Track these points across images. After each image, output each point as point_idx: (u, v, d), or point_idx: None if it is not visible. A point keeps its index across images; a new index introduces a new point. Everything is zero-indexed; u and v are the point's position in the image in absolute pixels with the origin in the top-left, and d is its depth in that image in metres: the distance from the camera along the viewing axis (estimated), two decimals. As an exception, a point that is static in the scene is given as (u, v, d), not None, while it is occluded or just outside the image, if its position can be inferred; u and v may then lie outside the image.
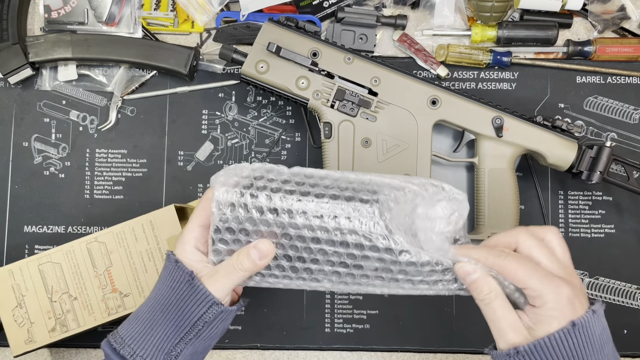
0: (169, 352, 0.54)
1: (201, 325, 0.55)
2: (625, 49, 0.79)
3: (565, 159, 0.71)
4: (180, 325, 0.55)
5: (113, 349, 0.54)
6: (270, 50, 0.69)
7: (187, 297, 0.54)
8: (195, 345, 0.55)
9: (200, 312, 0.54)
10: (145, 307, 0.56)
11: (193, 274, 0.54)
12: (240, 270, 0.54)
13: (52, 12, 0.79)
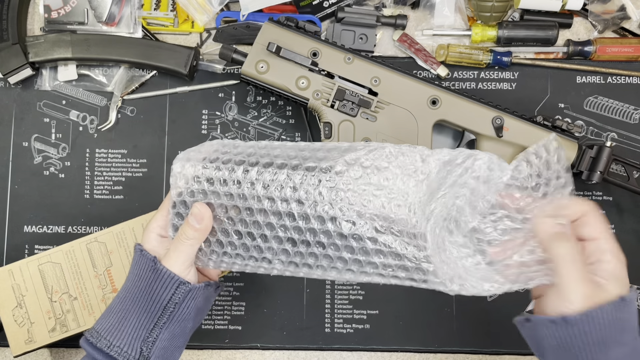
0: (145, 339, 0.55)
1: (172, 307, 0.55)
2: (625, 49, 0.79)
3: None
4: (152, 311, 0.55)
5: (90, 343, 0.55)
6: (270, 50, 0.69)
7: (153, 282, 0.55)
8: (171, 328, 0.56)
9: (168, 294, 0.55)
10: (117, 300, 0.57)
11: (156, 259, 0.56)
12: (185, 240, 0.55)
13: (52, 12, 0.79)
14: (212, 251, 0.56)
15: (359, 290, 0.79)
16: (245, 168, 0.53)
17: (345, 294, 0.79)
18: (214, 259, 0.57)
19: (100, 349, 0.55)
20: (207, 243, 0.57)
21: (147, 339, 0.55)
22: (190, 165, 0.54)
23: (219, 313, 0.78)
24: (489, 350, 0.77)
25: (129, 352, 0.55)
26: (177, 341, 0.58)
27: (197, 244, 0.56)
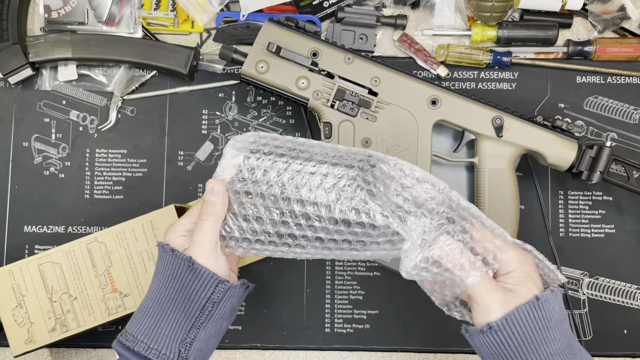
0: (183, 340, 0.54)
1: (210, 307, 0.55)
2: (625, 49, 0.79)
3: (566, 159, 0.71)
4: (190, 311, 0.54)
5: (126, 347, 0.54)
6: (270, 50, 0.69)
7: (190, 282, 0.54)
8: (208, 328, 0.55)
9: (207, 293, 0.54)
10: (150, 301, 0.56)
11: (192, 259, 0.55)
12: (207, 217, 0.55)
13: (52, 12, 0.79)
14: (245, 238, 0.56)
15: (359, 290, 0.79)
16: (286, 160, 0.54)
17: (345, 294, 0.79)
18: (244, 246, 0.57)
19: (138, 353, 0.53)
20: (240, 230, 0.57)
21: (184, 340, 0.54)
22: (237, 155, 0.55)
23: (219, 313, 0.78)
24: (489, 350, 0.77)
25: (168, 354, 0.53)
26: (211, 342, 0.57)
27: (219, 220, 0.55)
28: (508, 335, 0.50)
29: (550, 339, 0.51)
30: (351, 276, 0.79)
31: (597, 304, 0.78)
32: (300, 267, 0.79)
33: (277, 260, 0.79)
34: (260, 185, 0.55)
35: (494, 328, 0.50)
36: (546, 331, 0.51)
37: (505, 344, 0.51)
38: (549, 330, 0.51)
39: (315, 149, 0.56)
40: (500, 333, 0.50)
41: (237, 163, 0.55)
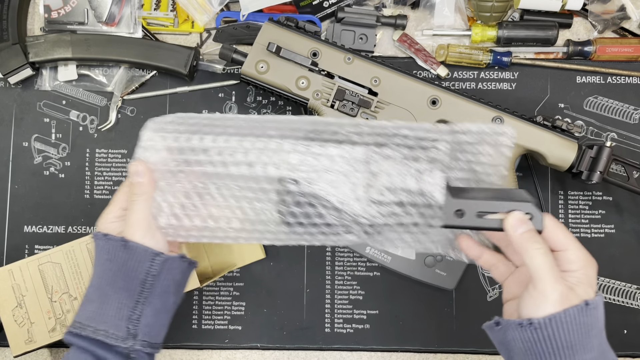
0: (129, 317, 0.55)
1: (151, 280, 0.55)
2: (625, 49, 0.79)
3: (565, 159, 0.71)
4: (131, 288, 0.55)
5: (75, 334, 0.55)
6: (270, 50, 0.69)
7: (127, 260, 0.55)
8: (153, 302, 0.56)
9: (145, 267, 0.55)
10: (92, 289, 0.57)
11: (124, 238, 0.56)
12: (136, 197, 0.56)
13: (52, 12, 0.79)
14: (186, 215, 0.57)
15: (359, 290, 0.79)
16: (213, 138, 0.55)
17: (345, 294, 0.79)
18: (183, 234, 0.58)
19: (87, 337, 0.54)
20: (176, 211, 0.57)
21: (131, 317, 0.55)
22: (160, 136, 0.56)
23: (219, 313, 0.78)
24: (489, 350, 0.78)
25: (116, 332, 0.54)
26: (161, 318, 0.58)
27: (149, 199, 0.56)
28: (548, 335, 0.48)
29: (588, 347, 0.49)
30: (351, 276, 0.79)
31: (597, 304, 0.78)
32: (300, 267, 0.79)
33: (277, 260, 0.79)
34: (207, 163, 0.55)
35: (535, 325, 0.48)
36: (586, 338, 0.48)
37: (543, 343, 0.48)
38: (589, 338, 0.49)
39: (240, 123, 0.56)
40: (541, 331, 0.48)
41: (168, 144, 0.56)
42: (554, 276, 0.48)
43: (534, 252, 0.49)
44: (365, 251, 0.77)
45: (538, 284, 0.49)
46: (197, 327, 0.78)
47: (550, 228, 0.51)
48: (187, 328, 0.78)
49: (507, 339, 0.51)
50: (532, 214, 0.50)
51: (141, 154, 0.57)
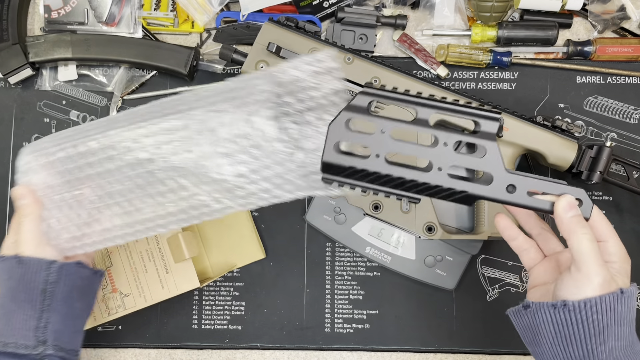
0: (36, 327, 0.57)
1: (51, 288, 0.57)
2: (625, 49, 0.79)
3: (565, 159, 0.71)
4: (34, 299, 0.57)
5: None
6: (270, 51, 0.69)
7: (24, 274, 0.57)
8: (58, 309, 0.58)
9: (42, 277, 0.57)
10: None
11: (18, 255, 0.58)
12: (23, 218, 0.59)
13: (52, 12, 0.79)
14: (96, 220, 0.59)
15: (359, 290, 0.79)
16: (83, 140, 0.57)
17: (345, 293, 0.79)
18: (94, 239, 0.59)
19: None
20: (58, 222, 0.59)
21: (38, 326, 0.57)
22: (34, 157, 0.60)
23: (219, 313, 0.78)
24: (489, 350, 0.78)
25: (26, 342, 0.56)
26: (70, 324, 0.59)
27: (37, 218, 0.59)
28: (582, 319, 0.49)
29: (619, 335, 0.49)
30: (351, 276, 0.79)
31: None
32: (300, 267, 0.79)
33: (277, 260, 0.79)
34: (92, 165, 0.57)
35: (569, 307, 0.49)
36: (618, 326, 0.49)
37: (575, 326, 0.49)
38: (620, 326, 0.49)
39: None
40: (575, 314, 0.49)
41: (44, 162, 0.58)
42: (599, 261, 0.49)
43: (582, 236, 0.49)
44: (365, 251, 0.77)
45: (582, 267, 0.49)
46: (197, 327, 0.78)
47: (595, 217, 0.51)
48: (187, 328, 0.78)
49: (537, 322, 0.51)
50: (583, 200, 0.51)
51: (21, 178, 0.60)
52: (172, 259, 0.72)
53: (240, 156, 0.53)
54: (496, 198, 0.51)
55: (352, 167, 0.50)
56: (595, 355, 0.49)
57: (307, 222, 0.78)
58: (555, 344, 0.50)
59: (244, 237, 0.78)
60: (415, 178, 0.51)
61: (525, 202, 0.51)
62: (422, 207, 0.70)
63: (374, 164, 0.50)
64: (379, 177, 0.51)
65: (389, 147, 0.51)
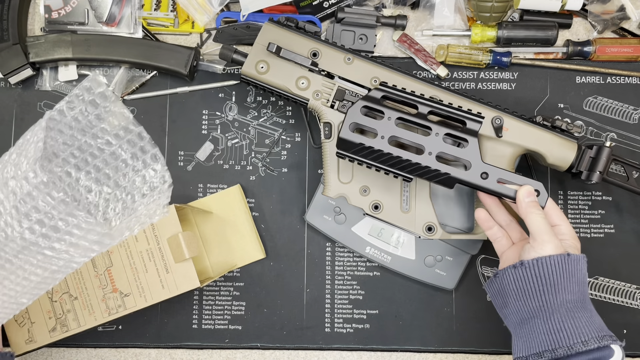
0: None
1: None
2: (624, 49, 0.79)
3: (565, 159, 0.71)
4: None
5: None
6: (271, 51, 0.69)
7: None
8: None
9: None
10: None
11: None
12: None
13: (52, 13, 0.79)
14: None
15: (359, 290, 0.79)
16: None
17: (345, 294, 0.79)
18: None
19: None
20: None
21: None
22: None
23: (219, 313, 0.78)
24: (489, 350, 0.78)
25: None
26: None
27: None
28: (534, 273, 0.59)
29: (570, 290, 0.59)
30: (351, 276, 0.79)
31: (596, 304, 0.77)
32: (300, 267, 0.79)
33: (277, 260, 0.79)
34: None
35: (525, 264, 0.60)
36: (567, 282, 0.59)
37: (531, 281, 0.60)
38: (570, 282, 0.59)
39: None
40: (530, 269, 0.60)
41: None
42: (550, 232, 0.62)
43: (536, 215, 0.62)
44: (365, 251, 0.77)
45: (537, 237, 0.61)
46: (197, 326, 0.78)
47: (550, 207, 0.65)
48: (188, 328, 0.78)
49: (504, 284, 0.62)
50: (540, 191, 0.65)
51: None
52: (173, 259, 0.72)
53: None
54: (472, 182, 0.65)
55: (361, 144, 0.64)
56: (549, 305, 0.59)
57: (307, 222, 0.78)
58: (517, 298, 0.61)
59: (244, 237, 0.78)
60: (410, 158, 0.64)
61: (495, 188, 0.65)
62: (422, 207, 0.70)
63: (379, 144, 0.64)
64: (382, 154, 0.64)
65: (393, 132, 0.64)
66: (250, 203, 0.79)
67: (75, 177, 0.58)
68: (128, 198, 0.59)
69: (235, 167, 0.80)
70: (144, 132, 0.56)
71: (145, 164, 0.58)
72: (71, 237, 0.52)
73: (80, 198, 0.57)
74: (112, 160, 0.58)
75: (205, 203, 0.79)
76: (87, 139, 0.57)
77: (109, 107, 0.56)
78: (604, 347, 0.57)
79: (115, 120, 0.56)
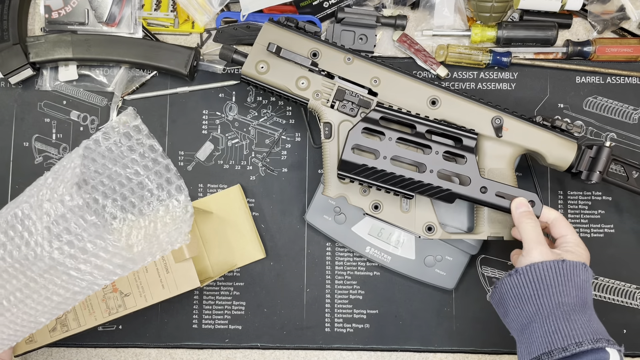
0: None
1: None
2: (624, 49, 0.79)
3: (565, 159, 0.71)
4: None
5: None
6: (271, 51, 0.69)
7: None
8: None
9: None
10: None
11: None
12: None
13: (52, 13, 0.80)
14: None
15: (359, 290, 0.79)
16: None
17: (345, 293, 0.79)
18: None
19: None
20: None
21: None
22: None
23: (219, 313, 0.79)
24: (489, 350, 0.78)
25: None
26: None
27: None
28: (530, 279, 0.60)
29: (565, 293, 0.59)
30: (351, 276, 0.79)
31: (596, 304, 0.77)
32: (300, 267, 0.79)
33: (277, 260, 0.79)
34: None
35: (519, 271, 0.61)
36: (563, 286, 0.60)
37: (526, 286, 0.60)
38: (566, 287, 0.60)
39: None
40: (523, 275, 0.61)
41: None
42: (537, 240, 0.63)
43: (526, 225, 0.64)
44: (365, 251, 0.77)
45: (526, 244, 0.63)
46: (197, 326, 0.78)
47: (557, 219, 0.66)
48: (188, 328, 0.78)
49: (503, 293, 0.63)
50: (535, 202, 0.67)
51: None
52: (173, 259, 0.72)
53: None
54: (473, 197, 0.66)
55: (364, 165, 0.65)
56: (545, 307, 0.59)
57: (307, 222, 0.78)
58: (515, 305, 0.61)
59: (244, 237, 0.78)
60: (412, 177, 0.65)
61: (493, 201, 0.67)
62: (422, 207, 0.71)
63: (382, 164, 0.65)
64: (385, 174, 0.65)
65: (395, 151, 0.65)
66: (250, 203, 0.79)
67: (102, 204, 0.60)
68: (151, 226, 0.60)
69: (236, 167, 0.80)
70: (171, 164, 0.59)
71: (169, 194, 0.60)
72: (97, 259, 0.54)
73: (105, 224, 0.58)
74: (139, 189, 0.60)
75: (205, 203, 0.79)
76: (117, 169, 0.59)
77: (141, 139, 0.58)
78: (598, 350, 0.57)
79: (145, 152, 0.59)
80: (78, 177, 0.54)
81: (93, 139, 0.57)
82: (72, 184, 0.53)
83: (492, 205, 0.67)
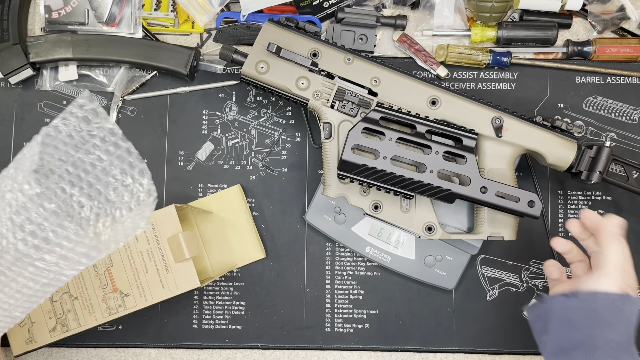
0: None
1: None
2: (624, 49, 0.79)
3: (565, 159, 0.71)
4: None
5: None
6: (271, 51, 0.69)
7: None
8: None
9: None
10: None
11: None
12: None
13: (52, 13, 0.80)
14: None
15: (359, 290, 0.79)
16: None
17: (345, 294, 0.79)
18: None
19: None
20: None
21: None
22: None
23: (219, 313, 0.79)
24: (489, 350, 0.78)
25: None
26: None
27: None
28: (586, 307, 0.57)
29: (618, 331, 0.56)
30: (351, 276, 0.79)
31: (596, 304, 0.78)
32: (300, 267, 0.79)
33: (277, 260, 0.79)
34: None
35: (579, 296, 0.58)
36: (619, 322, 0.57)
37: (580, 313, 0.57)
38: (621, 323, 0.57)
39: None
40: (583, 302, 0.58)
41: None
42: (622, 270, 0.59)
43: (617, 248, 0.59)
44: (365, 251, 0.77)
45: (602, 270, 0.59)
46: (197, 326, 0.78)
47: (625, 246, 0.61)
48: (188, 328, 0.78)
49: (549, 311, 0.60)
50: (535, 202, 0.66)
51: None
52: (173, 259, 0.72)
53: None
54: (472, 197, 0.66)
55: (364, 165, 0.65)
56: (593, 340, 0.56)
57: (307, 222, 0.78)
58: (561, 327, 0.58)
59: (244, 237, 0.78)
60: (412, 177, 0.65)
61: (493, 201, 0.67)
62: (422, 207, 0.71)
63: (382, 164, 0.65)
64: (385, 174, 0.65)
65: (395, 151, 0.65)
66: (250, 203, 0.79)
67: (69, 193, 0.59)
68: (117, 212, 0.60)
69: (235, 167, 0.80)
70: (132, 147, 0.57)
71: (133, 179, 0.59)
72: (61, 249, 0.54)
73: (73, 213, 0.58)
74: (103, 176, 0.59)
75: (205, 203, 0.79)
76: (80, 155, 0.58)
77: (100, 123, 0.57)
78: None
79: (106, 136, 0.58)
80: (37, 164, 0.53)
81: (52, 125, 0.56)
82: (30, 172, 0.52)
83: (492, 205, 0.67)
